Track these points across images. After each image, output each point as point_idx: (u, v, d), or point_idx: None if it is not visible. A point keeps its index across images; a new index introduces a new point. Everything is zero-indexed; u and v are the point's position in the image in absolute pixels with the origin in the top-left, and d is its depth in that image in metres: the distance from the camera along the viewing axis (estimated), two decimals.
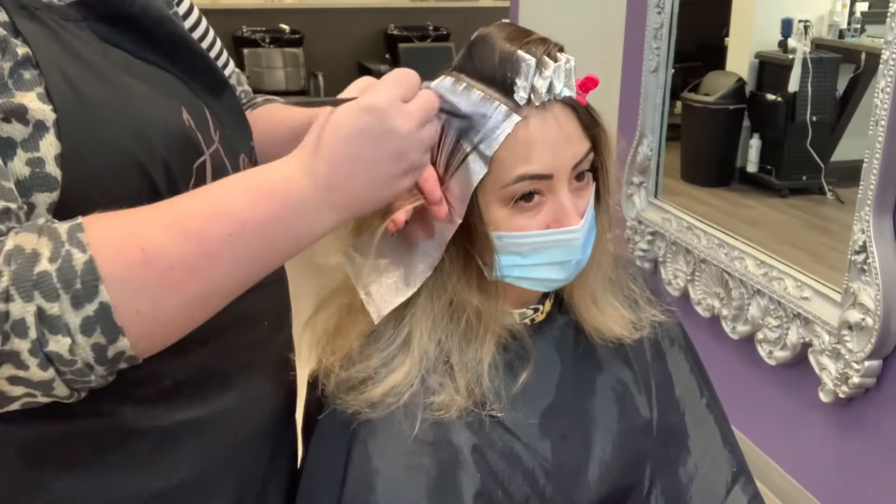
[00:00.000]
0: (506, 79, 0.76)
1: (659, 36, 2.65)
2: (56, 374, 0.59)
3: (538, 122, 0.76)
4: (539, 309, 0.90)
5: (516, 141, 0.76)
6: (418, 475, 0.80)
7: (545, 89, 0.75)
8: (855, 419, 2.03)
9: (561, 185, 0.79)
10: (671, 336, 0.98)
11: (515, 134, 0.76)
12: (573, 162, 0.79)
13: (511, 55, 0.76)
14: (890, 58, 1.75)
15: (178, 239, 0.61)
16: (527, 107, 0.76)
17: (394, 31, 6.89)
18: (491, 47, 0.77)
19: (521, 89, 0.75)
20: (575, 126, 0.79)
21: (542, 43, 0.77)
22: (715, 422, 0.97)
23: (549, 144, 0.77)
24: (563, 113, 0.78)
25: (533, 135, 0.76)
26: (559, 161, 0.78)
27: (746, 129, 2.87)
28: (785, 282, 2.16)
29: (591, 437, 0.88)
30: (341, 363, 0.83)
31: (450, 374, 0.82)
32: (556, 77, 0.76)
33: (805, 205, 2.72)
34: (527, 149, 0.76)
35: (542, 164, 0.77)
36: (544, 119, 0.77)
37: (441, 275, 0.82)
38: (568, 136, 0.78)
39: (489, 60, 0.77)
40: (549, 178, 0.78)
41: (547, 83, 0.75)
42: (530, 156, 0.76)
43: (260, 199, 0.64)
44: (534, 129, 0.76)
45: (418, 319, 0.82)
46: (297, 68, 6.57)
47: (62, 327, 0.57)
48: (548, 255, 0.80)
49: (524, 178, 0.77)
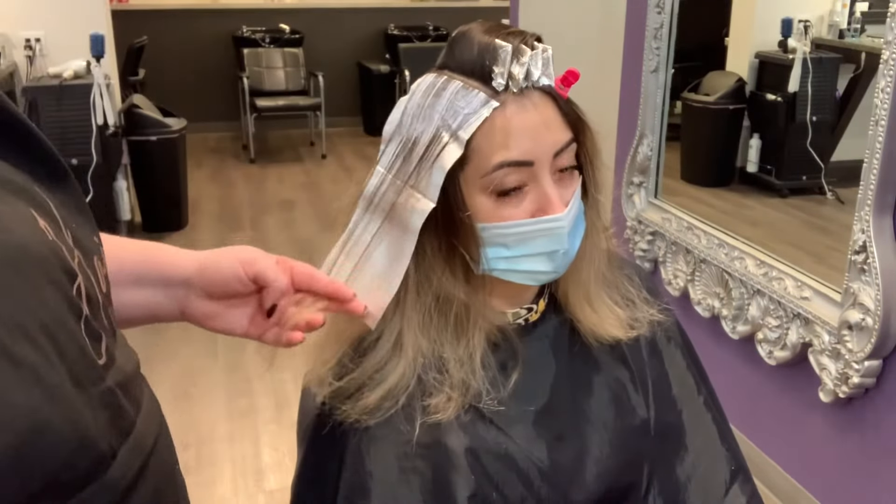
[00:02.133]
0: (484, 67, 0.77)
1: (659, 36, 2.65)
2: None
3: (516, 109, 0.77)
4: (533, 308, 0.90)
5: (494, 128, 0.77)
6: (412, 478, 0.80)
7: (522, 76, 0.77)
8: (855, 419, 2.03)
9: (543, 173, 0.79)
10: (668, 334, 0.97)
11: (493, 121, 0.77)
12: (554, 149, 0.79)
13: (489, 45, 0.77)
14: (890, 58, 1.75)
15: None
16: (504, 93, 0.77)
17: (394, 31, 6.89)
18: (470, 41, 0.79)
19: (498, 76, 0.76)
20: (554, 114, 0.79)
21: (519, 34, 0.79)
22: (713, 420, 0.96)
23: (528, 131, 0.77)
24: (542, 100, 0.79)
25: (511, 121, 0.77)
26: (539, 147, 0.78)
27: (746, 129, 2.87)
28: (785, 282, 2.16)
29: (588, 436, 0.88)
30: (334, 372, 0.82)
31: (444, 371, 0.82)
32: (532, 64, 0.77)
33: (805, 205, 2.72)
34: (505, 135, 0.77)
35: (521, 151, 0.77)
36: (522, 106, 0.78)
37: (425, 269, 0.82)
38: (547, 123, 0.79)
39: (468, 53, 0.78)
40: (529, 165, 0.78)
41: (524, 70, 0.77)
42: (509, 142, 0.77)
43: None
44: (511, 116, 0.77)
45: (408, 316, 0.82)
46: (297, 68, 6.57)
47: None
48: (534, 246, 0.80)
49: (503, 164, 0.77)
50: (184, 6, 6.60)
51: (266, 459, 2.58)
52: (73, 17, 4.15)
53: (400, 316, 0.82)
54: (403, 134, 0.80)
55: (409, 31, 6.90)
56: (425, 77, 0.81)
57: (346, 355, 0.83)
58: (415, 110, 0.80)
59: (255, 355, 3.29)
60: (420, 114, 0.79)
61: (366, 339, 0.83)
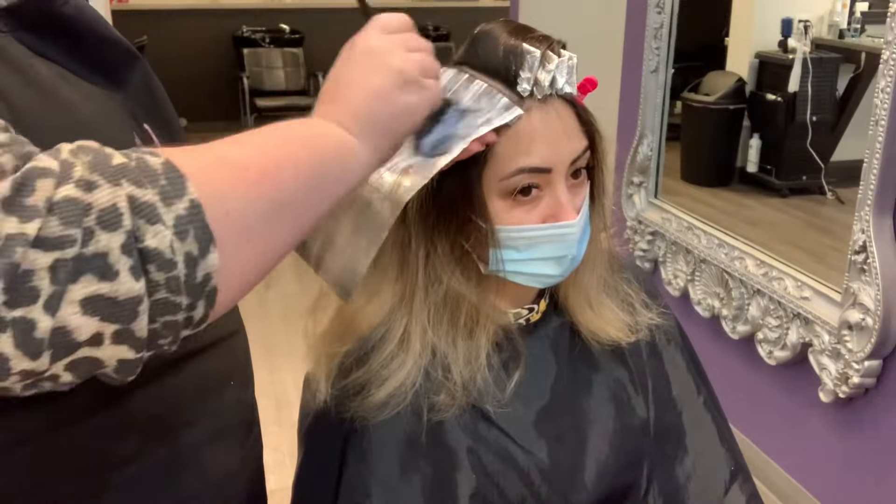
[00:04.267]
0: (509, 71, 0.76)
1: (659, 36, 2.65)
2: (146, 291, 0.46)
3: (540, 116, 0.77)
4: (534, 309, 0.90)
5: (518, 133, 0.77)
6: (414, 477, 0.80)
7: (548, 83, 0.76)
8: (855, 419, 2.02)
9: (559, 180, 0.79)
10: (668, 335, 0.97)
11: (517, 127, 0.76)
12: (571, 157, 0.79)
13: (516, 48, 0.76)
14: (890, 58, 1.75)
15: (242, 148, 0.55)
16: (529, 99, 0.77)
17: None
18: (495, 40, 0.78)
19: (524, 81, 0.76)
20: (574, 122, 0.79)
21: (545, 39, 0.78)
22: (712, 420, 0.96)
23: (550, 138, 0.77)
24: (564, 108, 0.79)
25: (535, 128, 0.77)
26: (558, 155, 0.78)
27: (746, 129, 2.87)
28: (785, 282, 2.16)
29: (588, 437, 0.88)
30: (339, 370, 0.82)
31: (448, 369, 0.82)
32: (558, 72, 0.77)
33: (805, 205, 2.72)
34: (528, 141, 0.77)
35: (542, 158, 0.77)
36: (546, 113, 0.77)
37: (435, 268, 0.82)
38: (568, 132, 0.79)
39: (493, 53, 0.77)
40: (547, 172, 0.78)
41: (550, 77, 0.76)
42: (531, 148, 0.77)
43: (296, 124, 0.61)
44: (536, 122, 0.77)
45: (416, 313, 0.82)
46: (297, 68, 6.57)
47: (159, 218, 0.46)
48: (543, 250, 0.81)
49: (524, 170, 0.77)
50: (184, 6, 6.60)
51: (266, 459, 2.58)
52: None
53: (407, 313, 0.82)
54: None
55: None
56: (445, 71, 0.79)
57: (350, 353, 0.83)
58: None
59: (254, 355, 3.29)
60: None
61: (370, 337, 0.83)
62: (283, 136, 0.59)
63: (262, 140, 0.58)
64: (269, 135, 0.59)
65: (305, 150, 0.59)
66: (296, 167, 0.57)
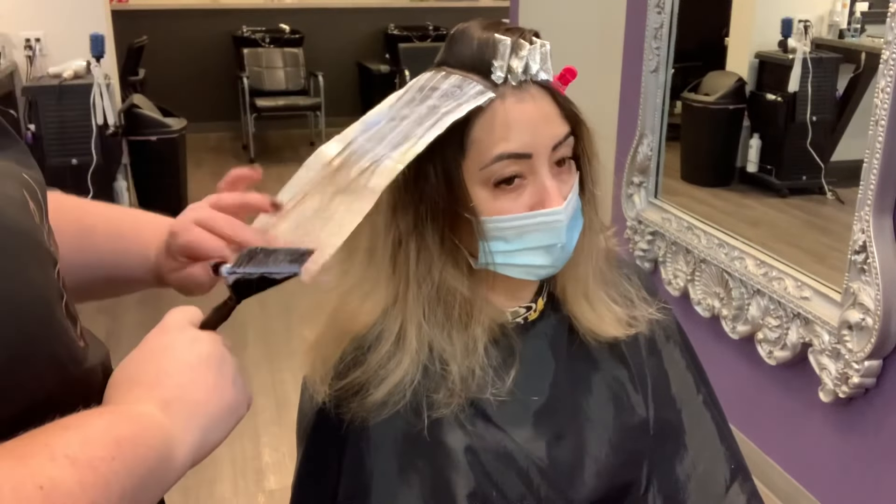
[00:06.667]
0: (483, 62, 0.78)
1: (659, 36, 2.65)
2: None
3: (515, 102, 0.78)
4: (532, 307, 0.90)
5: (494, 120, 0.78)
6: (412, 477, 0.80)
7: (521, 69, 0.78)
8: (855, 419, 2.03)
9: (541, 165, 0.79)
10: (667, 333, 0.97)
11: (493, 114, 0.77)
12: (552, 142, 0.79)
13: (488, 40, 0.78)
14: (890, 58, 1.75)
15: (68, 468, 0.50)
16: (503, 87, 0.78)
17: (394, 31, 6.89)
18: (469, 37, 0.80)
19: (497, 69, 0.77)
20: (552, 108, 0.80)
21: (517, 29, 0.80)
22: (712, 419, 0.96)
23: (527, 123, 0.78)
24: (540, 94, 0.80)
25: (510, 114, 0.78)
26: (537, 140, 0.79)
27: (746, 129, 2.88)
28: (785, 282, 2.16)
29: (587, 435, 0.88)
30: (337, 371, 0.82)
31: (445, 365, 0.82)
32: (531, 58, 0.78)
33: (805, 205, 2.72)
34: (505, 128, 0.78)
35: (520, 143, 0.78)
36: (521, 99, 0.78)
37: (426, 263, 0.82)
38: (546, 117, 0.79)
39: (468, 48, 0.79)
40: (528, 158, 0.79)
41: (523, 63, 0.78)
42: (509, 135, 0.78)
43: (121, 420, 0.56)
44: (510, 108, 0.78)
45: (410, 310, 0.82)
46: (297, 68, 6.57)
47: None
48: (532, 239, 0.81)
49: (503, 157, 0.78)
50: (184, 6, 6.60)
51: (266, 459, 2.58)
52: (73, 17, 4.15)
53: (402, 310, 0.82)
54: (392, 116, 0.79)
55: (409, 31, 6.90)
56: (422, 74, 0.82)
57: (347, 354, 0.83)
58: (408, 98, 0.80)
59: (254, 354, 3.29)
60: (412, 101, 0.79)
61: (367, 336, 0.83)
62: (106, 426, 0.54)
63: (86, 443, 0.52)
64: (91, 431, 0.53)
65: (131, 454, 0.53)
66: (121, 479, 0.52)
